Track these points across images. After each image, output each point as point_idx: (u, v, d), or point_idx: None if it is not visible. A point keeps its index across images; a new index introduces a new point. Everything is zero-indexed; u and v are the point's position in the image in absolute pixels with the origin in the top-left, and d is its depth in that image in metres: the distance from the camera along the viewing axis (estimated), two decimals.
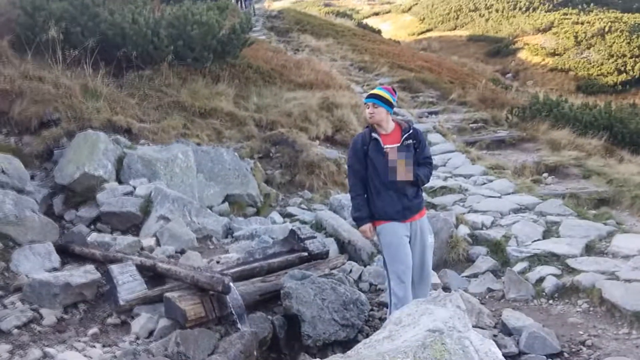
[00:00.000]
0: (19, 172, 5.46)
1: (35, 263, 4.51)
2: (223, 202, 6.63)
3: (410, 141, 3.78)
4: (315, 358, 3.51)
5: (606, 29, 23.75)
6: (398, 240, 3.73)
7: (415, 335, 2.66)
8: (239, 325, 3.54)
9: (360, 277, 4.87)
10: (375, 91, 3.84)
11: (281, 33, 20.78)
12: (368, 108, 3.79)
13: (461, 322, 2.80)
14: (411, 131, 3.82)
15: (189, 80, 9.09)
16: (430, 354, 2.49)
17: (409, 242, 3.77)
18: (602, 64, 22.39)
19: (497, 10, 30.60)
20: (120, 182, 5.96)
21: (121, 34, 8.35)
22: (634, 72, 21.24)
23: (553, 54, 24.41)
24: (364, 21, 31.47)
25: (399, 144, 3.75)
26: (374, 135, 3.77)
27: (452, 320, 2.75)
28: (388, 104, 3.75)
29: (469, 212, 6.22)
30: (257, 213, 6.83)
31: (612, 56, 22.39)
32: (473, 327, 3.64)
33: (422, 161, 3.87)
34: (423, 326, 2.72)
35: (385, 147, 3.74)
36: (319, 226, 5.96)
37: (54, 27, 7.63)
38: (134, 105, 7.81)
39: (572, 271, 4.54)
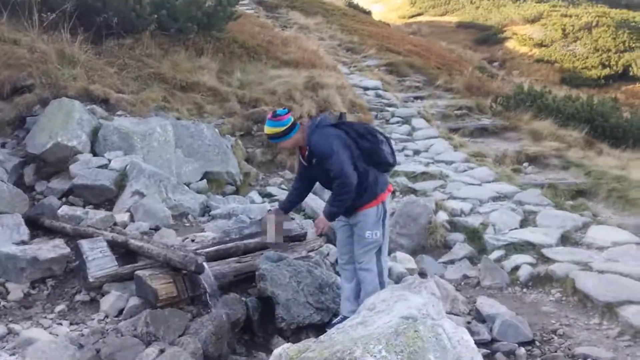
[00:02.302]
0: None
1: (3, 235, 4.37)
2: (201, 179, 6.50)
3: (314, 160, 3.47)
4: (288, 341, 3.47)
5: (593, 23, 23.85)
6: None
7: (389, 322, 2.62)
8: (211, 306, 3.46)
9: (337, 260, 4.83)
10: (266, 131, 3.57)
11: (270, 8, 20.39)
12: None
13: (435, 309, 2.77)
14: (309, 147, 3.46)
15: (171, 52, 8.87)
16: (403, 341, 2.46)
17: None
18: (587, 58, 22.51)
19: None
20: (94, 154, 5.80)
21: None
22: (617, 67, 21.40)
23: (540, 45, 24.46)
24: (355, 1, 31.08)
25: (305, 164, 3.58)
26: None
27: (426, 308, 2.72)
28: (284, 134, 3.47)
29: (448, 198, 6.21)
30: (236, 192, 6.72)
31: (598, 50, 22.51)
32: (447, 313, 3.65)
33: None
34: (397, 313, 2.69)
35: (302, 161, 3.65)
36: (298, 207, 5.89)
37: None
38: (113, 75, 7.58)
39: (547, 261, 4.58)
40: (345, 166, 3.33)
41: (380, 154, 3.51)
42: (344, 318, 3.76)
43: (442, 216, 5.54)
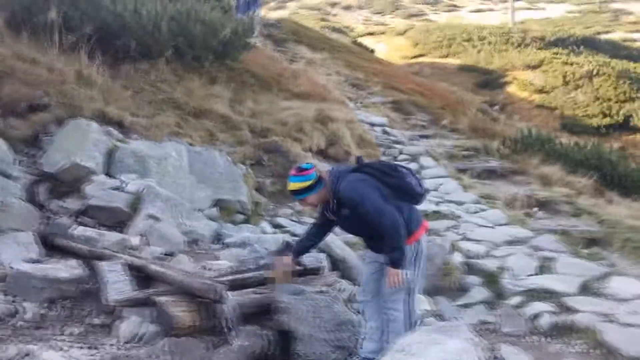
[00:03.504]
0: (5, 155, 5.23)
1: (17, 252, 4.27)
2: (213, 206, 6.44)
3: (346, 211, 3.35)
4: None
5: (594, 72, 24.28)
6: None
7: None
8: (231, 337, 3.35)
9: (350, 297, 4.73)
10: (291, 187, 3.45)
11: (277, 42, 20.70)
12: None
13: (470, 356, 2.69)
14: (338, 198, 3.35)
15: (186, 79, 8.92)
16: None
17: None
18: (587, 106, 22.82)
19: (489, 43, 31.10)
20: (109, 175, 5.74)
21: (121, 24, 8.15)
22: (618, 117, 21.66)
23: (541, 91, 24.83)
24: (359, 40, 31.67)
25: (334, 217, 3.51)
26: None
27: (462, 354, 2.64)
28: (310, 188, 3.39)
29: (462, 239, 6.16)
30: (246, 221, 6.65)
31: (598, 99, 22.83)
32: None
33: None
34: (433, 357, 2.60)
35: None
36: None
37: (54, 9, 7.40)
38: (128, 98, 7.59)
39: (569, 310, 4.49)
40: (380, 204, 3.25)
41: (408, 187, 3.44)
42: (364, 359, 3.66)
43: (457, 258, 5.47)
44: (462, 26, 36.32)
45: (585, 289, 4.90)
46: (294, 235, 6.14)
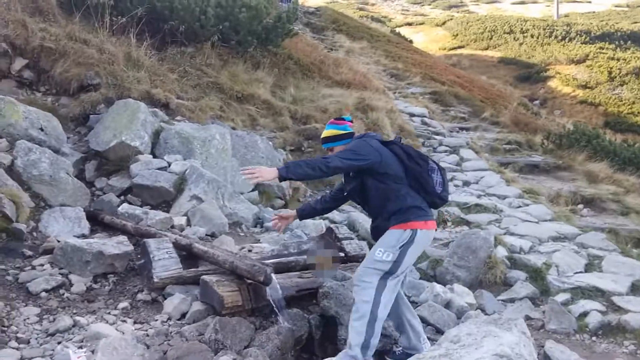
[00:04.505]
0: (57, 132, 5.34)
1: (65, 227, 4.40)
2: (253, 190, 6.47)
3: (352, 174, 3.32)
4: None
5: None
6: None
7: (482, 359, 2.48)
8: (279, 320, 3.36)
9: None
10: (324, 133, 3.44)
11: (316, 30, 20.63)
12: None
13: (527, 350, 2.61)
14: None
15: (230, 63, 8.98)
16: None
17: None
18: (633, 103, 22.01)
19: (532, 36, 30.26)
20: (154, 155, 5.83)
21: (169, 8, 8.25)
22: None
23: (584, 87, 24.03)
24: (397, 30, 31.28)
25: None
26: None
27: (518, 347, 2.56)
28: (339, 138, 3.35)
29: (505, 233, 6.02)
30: (285, 206, 6.67)
31: None
32: None
33: None
34: (488, 349, 2.54)
35: None
36: (351, 227, 5.79)
37: None
38: (174, 81, 7.68)
39: (618, 309, 4.34)
40: (341, 158, 3.03)
41: (428, 181, 3.21)
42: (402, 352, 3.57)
43: (502, 252, 5.35)
44: (504, 18, 35.46)
45: (636, 289, 4.73)
46: (333, 221, 6.13)
